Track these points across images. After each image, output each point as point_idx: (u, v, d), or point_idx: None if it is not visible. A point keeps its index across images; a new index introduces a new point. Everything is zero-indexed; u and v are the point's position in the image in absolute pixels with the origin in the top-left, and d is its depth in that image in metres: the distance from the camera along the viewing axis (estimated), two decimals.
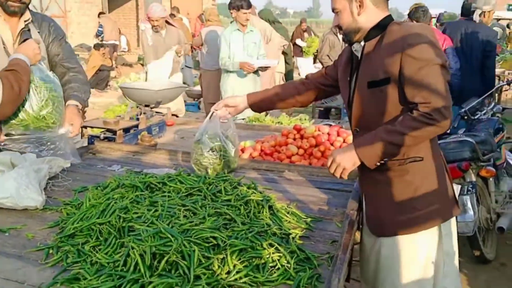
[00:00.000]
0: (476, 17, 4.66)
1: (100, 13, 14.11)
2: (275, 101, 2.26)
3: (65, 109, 2.37)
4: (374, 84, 1.80)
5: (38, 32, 2.47)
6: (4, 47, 2.33)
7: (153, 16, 5.26)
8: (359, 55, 1.88)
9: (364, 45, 1.86)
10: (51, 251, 1.55)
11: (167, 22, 5.55)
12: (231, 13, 5.16)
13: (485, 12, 4.68)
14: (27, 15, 2.42)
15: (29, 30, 2.43)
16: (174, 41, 5.46)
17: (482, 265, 3.57)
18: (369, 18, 1.84)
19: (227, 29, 5.25)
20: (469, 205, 3.30)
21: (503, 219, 3.66)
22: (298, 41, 12.27)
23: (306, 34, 12.84)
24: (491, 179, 3.64)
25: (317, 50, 11.22)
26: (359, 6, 1.82)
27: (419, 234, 1.87)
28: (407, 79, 1.72)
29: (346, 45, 2.02)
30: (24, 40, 2.32)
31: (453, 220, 1.95)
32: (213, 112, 2.24)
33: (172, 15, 12.55)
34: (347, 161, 1.80)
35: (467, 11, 4.90)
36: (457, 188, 2.43)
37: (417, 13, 4.74)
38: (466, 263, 3.60)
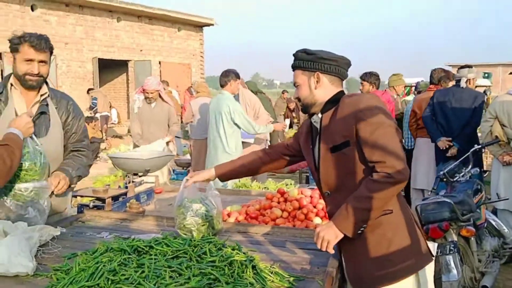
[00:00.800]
0: (462, 84, 5.27)
1: (89, 89, 14.56)
2: (242, 172, 2.49)
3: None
4: (336, 148, 2.02)
5: (56, 108, 2.59)
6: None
7: (148, 89, 5.51)
8: (318, 125, 2.11)
9: (322, 116, 2.09)
10: None
11: (160, 96, 5.80)
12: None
13: (470, 79, 5.31)
14: (44, 89, 2.55)
15: (47, 104, 2.55)
16: (163, 115, 5.68)
17: None
18: (325, 92, 2.09)
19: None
20: (452, 264, 3.37)
21: (487, 278, 3.72)
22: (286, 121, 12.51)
23: (294, 114, 13.22)
24: (472, 238, 3.74)
25: None
26: (316, 82, 2.08)
27: (397, 285, 1.96)
28: (363, 141, 1.93)
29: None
30: (41, 113, 2.46)
31: (428, 267, 2.05)
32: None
33: None
34: (330, 236, 1.97)
35: (434, 80, 5.65)
36: (433, 246, 2.53)
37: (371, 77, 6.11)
38: None
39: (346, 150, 1.99)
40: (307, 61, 2.09)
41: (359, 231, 1.95)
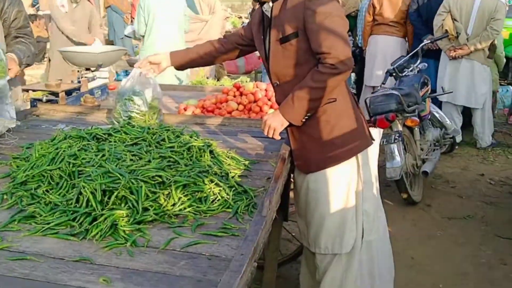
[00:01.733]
0: None
1: None
2: (197, 61, 2.45)
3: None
4: (285, 39, 2.03)
5: None
6: None
7: None
8: (269, 14, 2.09)
9: (272, 5, 2.07)
10: (5, 196, 1.65)
11: None
12: None
13: None
14: None
15: None
16: (85, 16, 5.36)
17: (409, 206, 3.94)
18: None
19: None
20: (396, 152, 3.62)
21: (428, 164, 4.03)
22: None
23: None
24: (416, 128, 3.98)
25: None
26: None
27: (340, 166, 2.12)
28: (310, 31, 1.95)
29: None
30: None
31: (369, 150, 2.20)
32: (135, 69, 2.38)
33: None
34: (276, 123, 2.05)
35: None
36: (378, 132, 2.69)
37: None
38: (395, 205, 3.97)
39: (294, 42, 2.01)
40: None
41: (304, 119, 2.04)
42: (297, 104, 2.00)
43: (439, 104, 5.10)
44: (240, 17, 17.10)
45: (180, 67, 2.48)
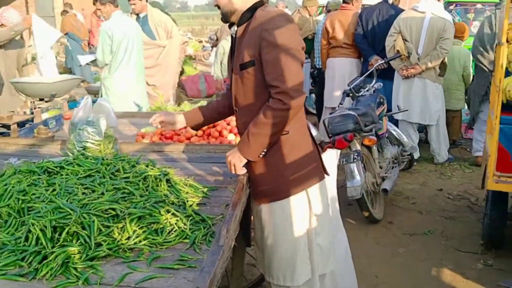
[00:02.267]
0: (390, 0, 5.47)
1: None
2: (212, 118, 2.45)
3: None
4: (243, 66, 2.02)
5: None
6: None
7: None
8: (235, 38, 2.07)
9: (237, 29, 2.05)
10: None
11: None
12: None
13: None
14: None
15: None
16: None
17: (371, 224, 3.99)
18: (245, 1, 2.02)
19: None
20: (355, 171, 3.67)
21: (387, 182, 4.11)
22: None
23: None
24: (374, 147, 4.06)
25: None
26: None
27: (290, 199, 2.11)
28: (264, 62, 1.94)
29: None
30: None
31: (320, 184, 2.18)
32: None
33: (65, 11, 12.06)
34: (235, 160, 2.08)
35: None
36: (336, 153, 2.72)
37: None
38: (357, 224, 4.00)
39: (251, 70, 2.00)
40: None
41: (261, 155, 2.05)
42: (252, 141, 2.01)
43: (395, 122, 5.23)
44: (201, 41, 17.22)
45: (196, 127, 2.47)
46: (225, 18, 2.09)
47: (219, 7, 2.08)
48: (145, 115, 3.92)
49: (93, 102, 6.89)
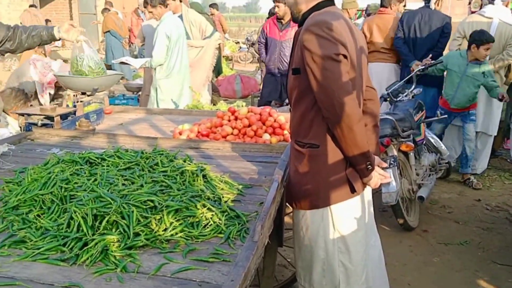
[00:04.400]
0: (432, 5, 5.32)
1: (30, 5, 13.61)
2: None
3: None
4: (294, 71, 1.99)
5: None
6: None
7: None
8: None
9: (297, 30, 2.02)
10: None
11: None
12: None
13: (439, 0, 5.40)
14: None
15: None
16: None
17: (406, 232, 3.92)
18: (306, 2, 1.99)
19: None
20: (391, 177, 3.61)
21: (423, 189, 4.03)
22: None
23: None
24: (411, 153, 3.99)
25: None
26: None
27: (313, 211, 2.09)
28: (308, 74, 1.87)
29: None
30: None
31: (348, 203, 2.08)
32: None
33: (106, 9, 12.36)
34: (375, 178, 2.05)
35: (385, 2, 5.58)
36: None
37: None
38: (391, 231, 3.94)
39: (298, 77, 1.97)
40: None
41: (368, 167, 1.98)
42: (353, 162, 1.98)
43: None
44: (238, 42, 17.32)
45: None
46: (293, 17, 2.06)
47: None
48: (181, 112, 3.99)
49: (130, 98, 6.96)
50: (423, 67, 4.72)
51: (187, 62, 5.24)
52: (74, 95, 3.26)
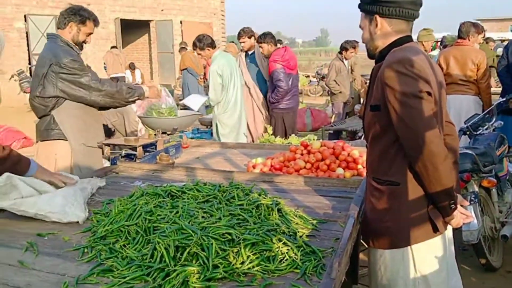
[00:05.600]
0: None
1: (112, 47, 14.63)
2: None
3: None
4: (372, 108, 1.97)
5: None
6: None
7: None
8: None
9: (374, 67, 2.02)
10: (86, 250, 1.76)
11: None
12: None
13: None
14: None
15: None
16: None
17: (489, 273, 3.68)
18: (384, 38, 1.98)
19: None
20: (472, 214, 3.44)
21: (507, 227, 3.79)
22: None
23: None
24: (493, 189, 3.79)
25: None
26: (376, 25, 1.98)
27: (393, 251, 2.02)
28: (391, 112, 1.85)
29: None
30: None
31: (429, 243, 2.00)
32: None
33: (183, 48, 13.00)
34: (457, 218, 1.99)
35: (463, 34, 5.40)
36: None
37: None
38: (473, 271, 3.72)
39: (377, 113, 1.94)
40: (366, 3, 1.98)
41: (451, 206, 1.92)
42: (436, 200, 1.93)
43: None
44: (308, 76, 17.48)
45: None
46: (369, 52, 2.06)
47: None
48: (254, 146, 4.08)
49: (204, 132, 7.17)
50: (505, 99, 4.51)
51: (242, 95, 5.46)
52: (155, 134, 3.45)
